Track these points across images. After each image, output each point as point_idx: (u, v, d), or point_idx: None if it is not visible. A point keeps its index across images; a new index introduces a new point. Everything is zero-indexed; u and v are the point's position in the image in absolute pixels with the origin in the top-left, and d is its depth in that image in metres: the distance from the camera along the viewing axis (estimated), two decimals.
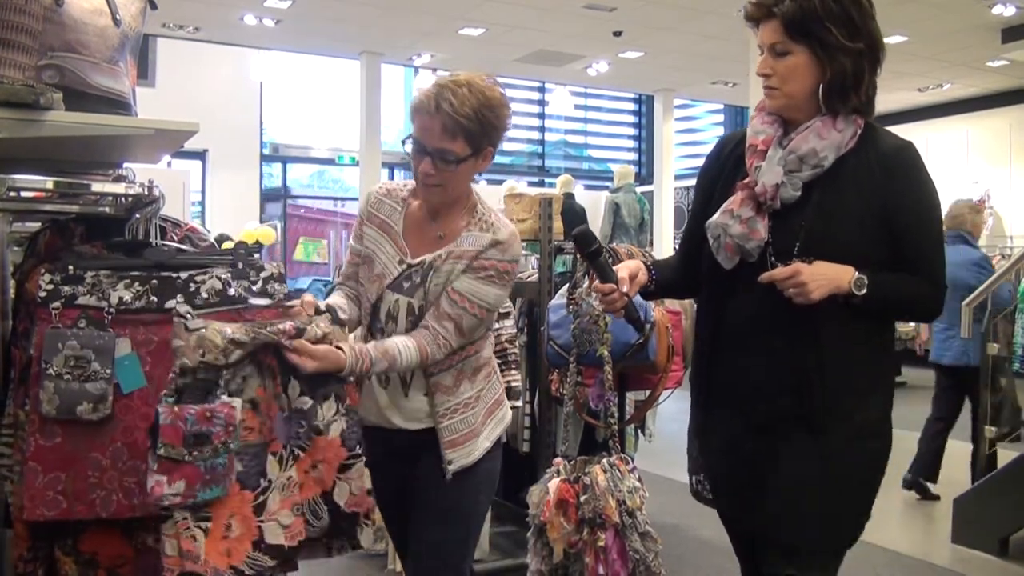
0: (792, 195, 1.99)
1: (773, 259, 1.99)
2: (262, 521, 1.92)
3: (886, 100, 12.49)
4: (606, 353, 3.31)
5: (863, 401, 2.01)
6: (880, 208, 1.96)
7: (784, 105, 2.03)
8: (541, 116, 16.41)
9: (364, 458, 2.10)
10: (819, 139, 1.97)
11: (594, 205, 10.54)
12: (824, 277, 1.90)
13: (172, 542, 1.84)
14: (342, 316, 2.23)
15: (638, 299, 2.26)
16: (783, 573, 2.03)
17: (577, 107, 16.06)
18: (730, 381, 2.12)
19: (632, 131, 17.45)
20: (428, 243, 2.25)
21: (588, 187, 14.36)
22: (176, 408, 1.83)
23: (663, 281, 2.25)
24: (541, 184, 14.95)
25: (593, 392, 3.60)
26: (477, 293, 2.19)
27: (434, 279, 2.19)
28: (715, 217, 2.06)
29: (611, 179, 11.15)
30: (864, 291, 1.91)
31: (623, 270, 2.14)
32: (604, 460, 2.99)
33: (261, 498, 1.93)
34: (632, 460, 3.29)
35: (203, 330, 1.85)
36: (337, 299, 2.32)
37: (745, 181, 2.05)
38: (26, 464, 1.94)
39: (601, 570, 3.01)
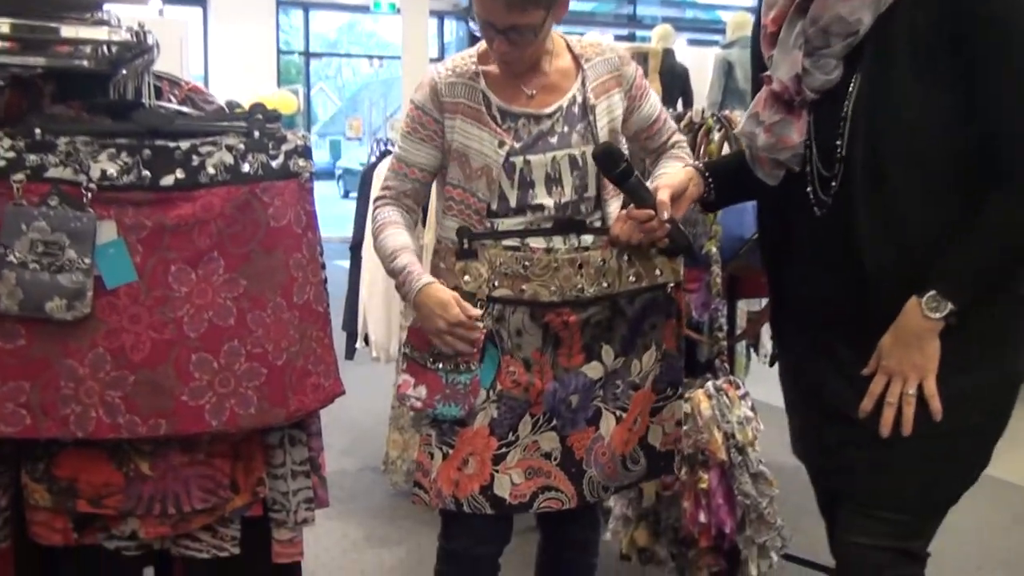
0: (825, 79, 1.87)
1: (819, 166, 1.91)
2: (496, 471, 2.29)
3: None
4: (714, 250, 3.28)
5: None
6: (947, 57, 1.74)
7: None
8: None
9: (676, 396, 2.49)
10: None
11: (700, 64, 10.30)
12: (909, 350, 1.80)
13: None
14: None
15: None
16: (852, 540, 1.99)
17: None
18: (796, 294, 2.09)
19: None
20: (527, 100, 2.37)
21: (692, 42, 14.10)
22: None
23: (728, 185, 2.23)
24: (632, 38, 14.74)
25: (696, 299, 3.56)
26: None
27: (599, 123, 2.37)
28: (742, 123, 2.03)
29: (722, 31, 10.93)
30: (948, 309, 1.77)
31: (663, 191, 2.16)
32: (709, 384, 2.99)
33: (504, 450, 2.30)
34: (743, 385, 3.28)
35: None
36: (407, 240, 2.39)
37: (767, 73, 1.96)
38: None
39: (702, 517, 3.03)
